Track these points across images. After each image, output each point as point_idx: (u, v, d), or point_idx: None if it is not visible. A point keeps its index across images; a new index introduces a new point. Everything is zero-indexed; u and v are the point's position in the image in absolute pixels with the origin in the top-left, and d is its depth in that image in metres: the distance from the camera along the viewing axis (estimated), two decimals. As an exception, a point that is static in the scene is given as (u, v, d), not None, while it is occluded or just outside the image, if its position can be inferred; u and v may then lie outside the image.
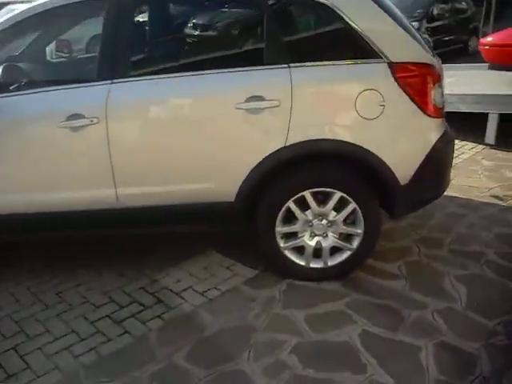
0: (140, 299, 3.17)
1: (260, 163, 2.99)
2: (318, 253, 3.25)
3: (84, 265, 3.56)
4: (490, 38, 6.52)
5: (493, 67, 6.72)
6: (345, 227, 3.21)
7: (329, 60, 2.96)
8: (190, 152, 3.02)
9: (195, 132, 2.99)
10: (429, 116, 3.07)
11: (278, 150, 2.97)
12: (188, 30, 3.49)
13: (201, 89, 2.98)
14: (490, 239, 3.81)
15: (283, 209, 3.12)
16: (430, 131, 3.13)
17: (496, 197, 4.53)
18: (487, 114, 5.64)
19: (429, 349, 2.71)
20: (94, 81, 3.01)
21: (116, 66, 3.00)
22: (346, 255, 3.25)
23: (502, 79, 6.35)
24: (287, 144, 2.96)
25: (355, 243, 3.23)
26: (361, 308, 3.05)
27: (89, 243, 3.67)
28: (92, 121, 2.93)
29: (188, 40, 3.54)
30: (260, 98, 2.91)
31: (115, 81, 2.97)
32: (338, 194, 3.09)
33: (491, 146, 5.70)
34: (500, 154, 5.62)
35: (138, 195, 3.09)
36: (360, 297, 3.15)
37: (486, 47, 6.41)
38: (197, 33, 3.48)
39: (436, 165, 3.20)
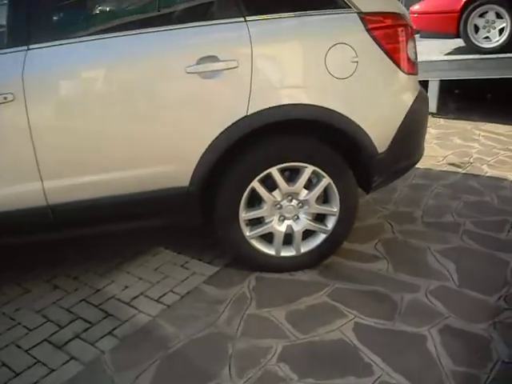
0: (83, 315, 2.57)
1: (217, 138, 2.49)
2: (288, 239, 2.81)
3: (6, 278, 2.90)
4: (417, 6, 6.34)
5: (424, 35, 6.57)
6: (318, 206, 2.79)
7: (291, 11, 2.51)
8: (132, 130, 2.46)
9: (137, 105, 2.44)
10: (405, 73, 2.70)
11: (238, 121, 2.48)
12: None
13: (143, 51, 2.42)
14: (461, 208, 3.55)
15: (247, 190, 2.64)
16: (407, 90, 2.77)
17: (453, 164, 4.33)
18: (427, 82, 5.45)
19: (434, 336, 2.35)
20: (3, 48, 2.36)
21: (32, 27, 2.37)
22: (320, 239, 2.83)
23: (435, 47, 6.20)
24: (249, 113, 2.48)
25: (330, 224, 2.81)
26: (347, 298, 2.64)
27: (9, 251, 3.00)
28: (5, 98, 2.30)
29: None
30: (214, 59, 2.40)
31: (32, 46, 2.34)
32: (309, 169, 2.66)
33: (433, 115, 5.51)
34: (443, 121, 5.46)
35: (69, 188, 2.49)
36: (342, 285, 2.74)
37: (415, 15, 6.22)
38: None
39: (414, 128, 2.86)
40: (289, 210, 2.75)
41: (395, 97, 2.74)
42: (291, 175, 2.72)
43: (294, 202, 2.75)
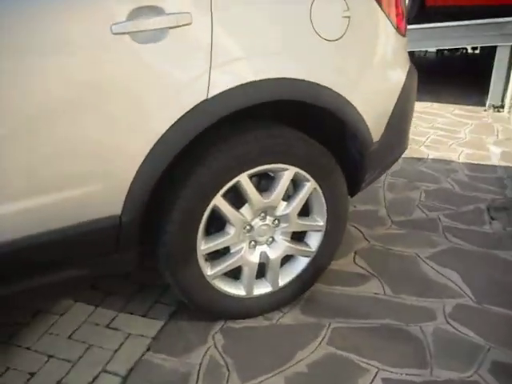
0: None
1: (163, 138, 1.59)
2: (260, 270, 2.02)
3: None
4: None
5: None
6: (302, 222, 2.01)
7: None
8: (24, 133, 1.47)
9: (30, 92, 1.45)
10: (400, 34, 2.04)
11: (194, 109, 1.61)
12: None
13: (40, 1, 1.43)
14: (425, 200, 3.01)
15: (207, 211, 1.79)
16: (402, 59, 2.11)
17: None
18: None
19: (489, 381, 1.75)
20: None
21: None
22: (302, 264, 2.07)
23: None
24: (211, 95, 1.62)
25: (314, 243, 2.06)
26: (354, 342, 1.92)
27: None
28: None
29: None
30: (155, 11, 1.50)
31: None
32: (290, 171, 1.87)
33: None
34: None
35: None
36: (340, 324, 2.02)
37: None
38: None
39: (407, 107, 2.21)
40: (262, 231, 1.94)
41: (391, 67, 2.06)
42: (259, 183, 1.92)
43: (269, 219, 1.95)
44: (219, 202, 1.79)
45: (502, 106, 4.52)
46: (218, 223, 1.85)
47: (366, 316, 2.07)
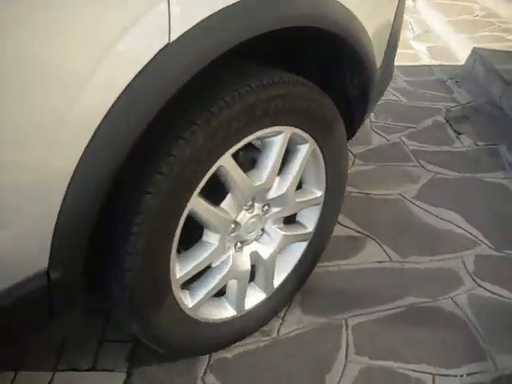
0: None
1: (101, 131, 0.87)
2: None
3: None
4: None
5: None
6: (301, 199, 1.42)
7: None
8: None
9: None
10: None
11: (149, 65, 0.89)
12: None
13: None
14: (376, 119, 2.53)
15: (180, 225, 1.12)
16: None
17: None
18: None
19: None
20: None
21: None
22: (299, 252, 1.50)
23: None
24: (174, 37, 0.90)
25: (311, 221, 1.49)
26: (392, 343, 1.45)
27: None
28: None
29: None
30: None
31: None
32: (286, 134, 1.24)
33: None
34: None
35: None
36: (362, 317, 1.53)
37: None
38: None
39: (399, 30, 1.64)
40: (250, 225, 1.32)
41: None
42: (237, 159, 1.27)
43: (257, 207, 1.33)
44: (197, 204, 1.13)
45: (404, -6, 4.10)
46: (187, 235, 1.20)
47: (383, 298, 1.60)
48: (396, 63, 2.92)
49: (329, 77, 1.39)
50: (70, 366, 1.42)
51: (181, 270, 1.19)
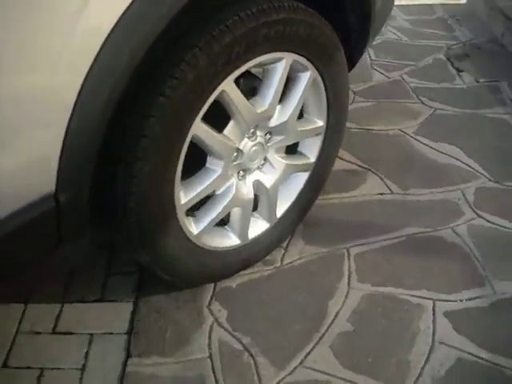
0: None
1: (104, 50, 0.87)
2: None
3: None
4: None
5: None
6: (303, 128, 1.42)
7: None
8: None
9: None
10: None
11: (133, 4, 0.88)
12: None
13: None
14: (376, 57, 2.50)
15: (184, 150, 1.13)
16: None
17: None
18: None
19: None
20: None
21: None
22: (301, 183, 1.52)
23: None
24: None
25: (313, 151, 1.50)
26: (394, 271, 1.49)
27: None
28: None
29: None
30: None
31: None
32: (286, 61, 1.23)
33: None
34: None
35: None
36: (364, 247, 1.55)
37: None
38: None
39: None
40: (253, 154, 1.33)
41: None
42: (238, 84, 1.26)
43: (259, 135, 1.33)
44: (199, 129, 1.13)
45: None
46: (190, 161, 1.21)
47: (384, 228, 1.62)
48: (396, 2, 2.89)
49: (330, 5, 1.37)
50: (78, 298, 1.46)
51: (185, 195, 1.21)
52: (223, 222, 1.39)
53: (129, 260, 1.52)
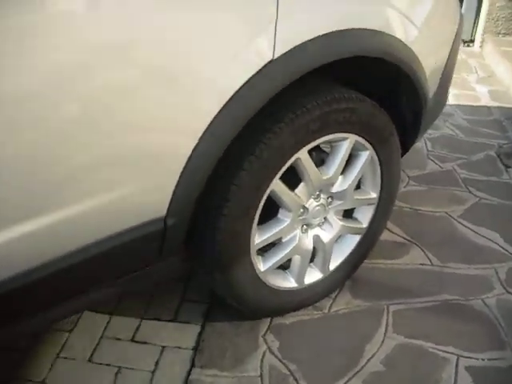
0: None
1: (218, 118, 1.22)
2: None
3: None
4: None
5: None
6: (359, 197, 1.72)
7: None
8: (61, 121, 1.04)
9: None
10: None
11: (258, 75, 1.24)
12: None
13: None
14: (433, 149, 2.80)
15: (263, 199, 1.46)
16: (457, 4, 1.82)
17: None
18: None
19: None
20: None
21: None
22: (353, 243, 1.80)
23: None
24: (277, 54, 1.25)
25: (365, 218, 1.79)
26: (421, 326, 1.71)
27: None
28: None
29: None
30: None
31: None
32: (350, 140, 1.56)
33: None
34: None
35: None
36: (402, 305, 1.79)
37: None
38: None
39: (455, 60, 1.93)
40: (316, 212, 1.63)
41: (449, 15, 1.77)
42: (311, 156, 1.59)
43: (323, 197, 1.64)
44: (277, 185, 1.46)
45: (472, 41, 4.36)
46: (268, 211, 1.53)
47: (422, 293, 1.86)
48: (457, 102, 3.22)
49: (389, 99, 1.69)
50: (155, 316, 1.76)
51: (259, 237, 1.51)
52: (284, 266, 1.68)
53: (201, 290, 1.83)
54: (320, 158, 1.62)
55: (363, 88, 1.59)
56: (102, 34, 1.02)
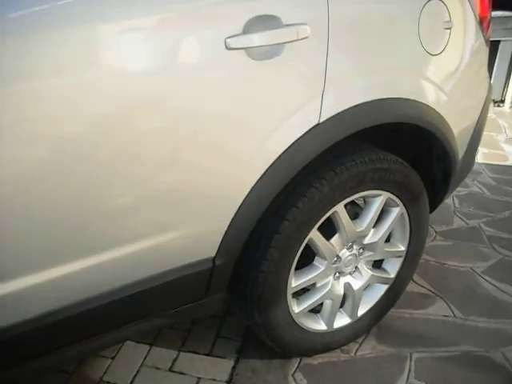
0: None
1: (269, 170, 1.38)
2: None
3: None
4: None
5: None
6: (388, 249, 1.86)
7: None
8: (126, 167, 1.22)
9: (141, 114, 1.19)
10: (487, 44, 1.89)
11: (305, 136, 1.40)
12: None
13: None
14: (460, 206, 2.92)
15: (302, 246, 1.60)
16: (485, 69, 1.97)
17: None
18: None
19: None
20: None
21: None
22: (381, 292, 1.92)
23: None
24: (323, 119, 1.42)
25: (393, 269, 1.91)
26: (447, 376, 1.81)
27: None
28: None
29: None
30: (273, 22, 1.27)
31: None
32: (383, 197, 1.70)
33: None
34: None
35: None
36: (425, 353, 1.89)
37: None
38: None
39: (484, 123, 2.07)
40: (348, 261, 1.77)
41: (479, 80, 1.91)
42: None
43: (355, 248, 1.78)
44: (315, 234, 1.60)
45: (503, 101, 4.51)
46: (304, 257, 1.67)
47: (444, 343, 1.95)
48: (485, 161, 3.35)
49: (421, 160, 1.84)
50: (192, 349, 1.90)
51: (295, 281, 1.65)
52: (316, 309, 1.81)
53: (235, 327, 1.96)
54: (354, 211, 1.76)
55: (397, 149, 1.74)
56: (172, 95, 1.20)
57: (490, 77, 4.31)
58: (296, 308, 1.70)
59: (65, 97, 1.07)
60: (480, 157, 3.53)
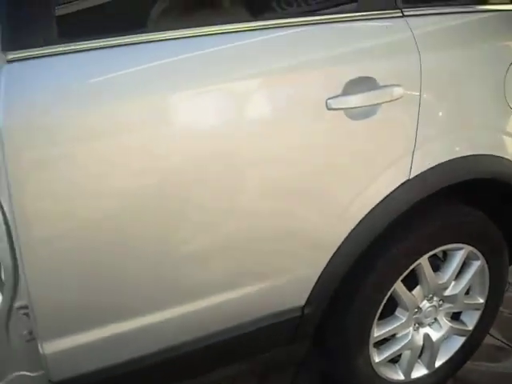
0: None
1: (360, 225, 1.43)
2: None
3: None
4: None
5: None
6: (468, 302, 1.86)
7: (464, 3, 1.55)
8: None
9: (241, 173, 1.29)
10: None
11: (396, 191, 1.45)
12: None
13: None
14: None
15: (386, 297, 1.63)
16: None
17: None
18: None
19: None
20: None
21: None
22: (458, 344, 1.90)
23: None
24: (413, 175, 1.47)
25: (471, 321, 1.90)
26: None
27: None
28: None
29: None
30: (370, 83, 1.34)
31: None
32: (465, 250, 1.72)
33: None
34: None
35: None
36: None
37: None
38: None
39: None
40: (428, 312, 1.77)
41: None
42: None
43: (435, 300, 1.78)
44: (399, 286, 1.63)
45: None
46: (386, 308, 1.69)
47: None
48: None
49: (501, 212, 1.85)
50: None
51: (377, 331, 1.67)
52: (394, 359, 1.81)
53: (309, 378, 1.98)
54: (435, 263, 1.78)
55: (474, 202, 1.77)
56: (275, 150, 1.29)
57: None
58: (376, 358, 1.72)
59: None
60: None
